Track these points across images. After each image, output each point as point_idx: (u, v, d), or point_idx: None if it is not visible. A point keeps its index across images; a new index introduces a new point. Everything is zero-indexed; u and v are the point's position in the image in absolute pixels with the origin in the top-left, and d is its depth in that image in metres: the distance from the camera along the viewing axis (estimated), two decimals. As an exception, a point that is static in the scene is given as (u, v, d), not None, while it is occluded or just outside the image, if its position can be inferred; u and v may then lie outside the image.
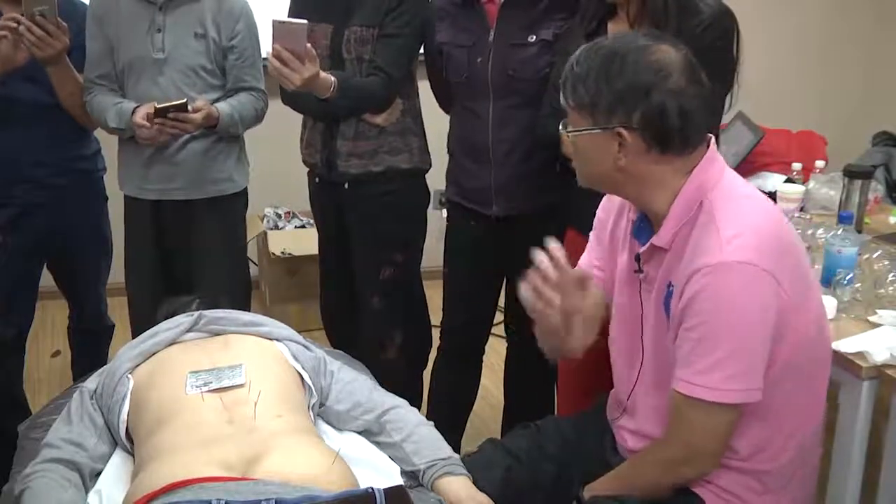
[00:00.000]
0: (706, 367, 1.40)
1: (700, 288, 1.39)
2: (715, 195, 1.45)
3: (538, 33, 2.20)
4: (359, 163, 2.41)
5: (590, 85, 1.43)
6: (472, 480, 1.64)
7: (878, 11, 4.49)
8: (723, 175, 1.48)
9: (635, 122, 1.41)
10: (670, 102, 1.40)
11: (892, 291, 2.07)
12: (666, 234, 1.48)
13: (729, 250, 1.37)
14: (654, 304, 1.54)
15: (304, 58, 2.10)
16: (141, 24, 2.34)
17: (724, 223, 1.41)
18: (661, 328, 1.54)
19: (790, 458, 1.54)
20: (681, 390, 1.44)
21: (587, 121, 1.45)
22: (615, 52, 1.43)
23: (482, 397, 2.81)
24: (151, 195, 2.47)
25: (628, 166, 1.45)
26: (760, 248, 1.39)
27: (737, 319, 1.38)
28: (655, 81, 1.40)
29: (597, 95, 1.43)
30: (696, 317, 1.40)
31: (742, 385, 1.40)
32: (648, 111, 1.40)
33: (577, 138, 1.49)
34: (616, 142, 1.43)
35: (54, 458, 1.59)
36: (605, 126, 1.43)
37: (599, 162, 1.47)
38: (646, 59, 1.41)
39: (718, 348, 1.39)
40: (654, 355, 1.58)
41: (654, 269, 1.54)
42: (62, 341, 3.04)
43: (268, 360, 1.77)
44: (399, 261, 2.51)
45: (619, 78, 1.41)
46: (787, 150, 3.68)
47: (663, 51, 1.43)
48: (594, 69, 1.43)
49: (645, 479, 1.56)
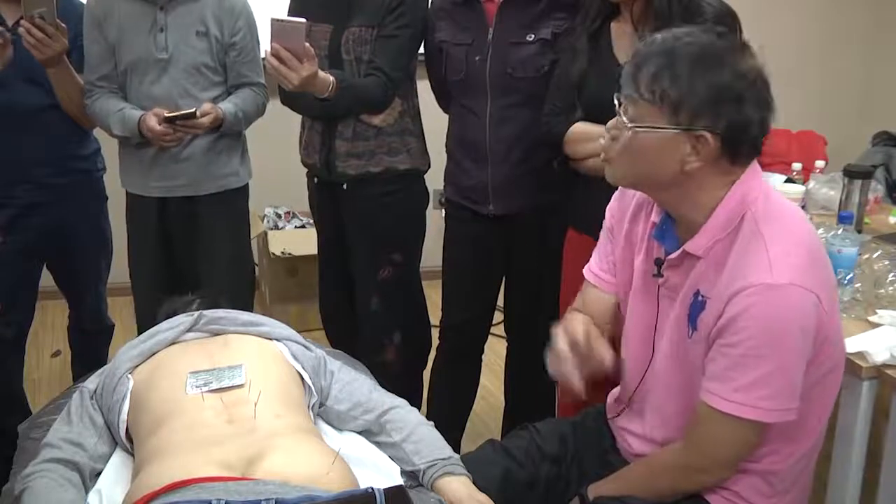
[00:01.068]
0: (745, 385, 1.38)
1: (746, 307, 1.36)
2: (758, 208, 1.41)
3: (537, 32, 2.20)
4: (357, 163, 2.41)
5: (680, 80, 1.34)
6: (472, 480, 1.64)
7: (877, 11, 4.49)
8: (762, 186, 1.45)
9: (721, 128, 1.35)
10: (755, 113, 1.35)
11: (892, 291, 2.07)
12: (703, 242, 1.44)
13: (777, 272, 1.34)
14: (676, 311, 1.52)
15: (303, 57, 2.10)
16: (142, 25, 2.35)
17: (771, 241, 1.37)
18: (681, 336, 1.51)
19: (798, 458, 1.54)
20: (713, 404, 1.42)
21: (665, 118, 1.36)
22: (711, 50, 1.35)
23: (482, 397, 2.82)
24: (156, 192, 2.47)
25: (693, 171, 1.39)
26: (805, 267, 1.37)
27: (781, 339, 1.36)
28: (748, 89, 1.35)
29: (687, 93, 1.34)
30: (738, 334, 1.37)
31: (780, 405, 1.39)
32: (737, 119, 1.34)
33: (641, 134, 1.39)
34: (690, 144, 1.37)
35: (54, 458, 1.58)
36: (688, 127, 1.35)
37: (661, 162, 1.39)
38: (742, 64, 1.35)
39: (760, 367, 1.37)
40: (668, 360, 1.56)
41: (679, 275, 1.50)
42: (62, 341, 3.04)
43: (268, 360, 1.76)
44: (398, 261, 2.51)
45: (717, 77, 1.33)
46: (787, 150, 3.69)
47: (753, 58, 1.37)
48: (686, 63, 1.34)
49: (657, 483, 1.55)
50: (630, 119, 1.41)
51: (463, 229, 2.45)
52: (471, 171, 2.36)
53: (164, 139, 2.33)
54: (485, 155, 2.31)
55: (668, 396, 1.57)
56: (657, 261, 1.54)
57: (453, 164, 2.43)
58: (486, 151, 2.30)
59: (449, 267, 2.53)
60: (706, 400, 1.43)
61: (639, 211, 1.62)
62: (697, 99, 1.34)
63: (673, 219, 1.52)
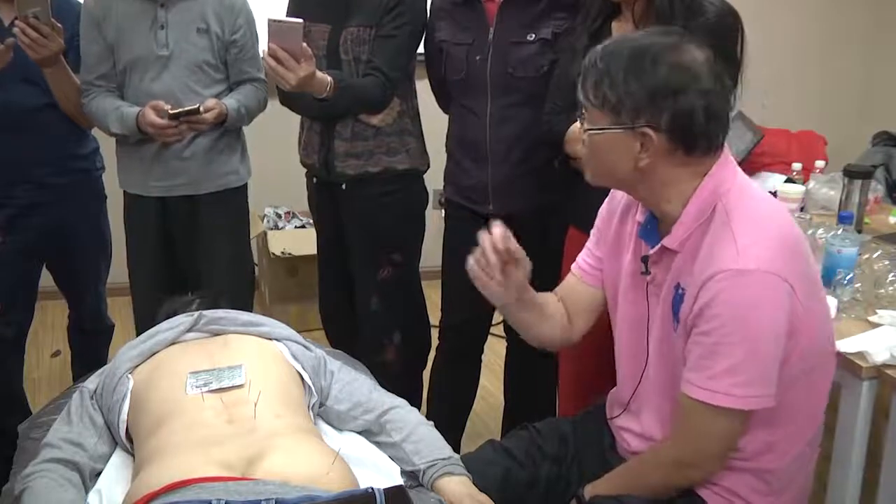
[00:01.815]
0: (719, 373, 1.39)
1: (716, 293, 1.38)
2: (729, 198, 1.43)
3: (537, 32, 2.20)
4: (356, 163, 2.41)
5: (616, 83, 1.39)
6: (472, 480, 1.64)
7: (877, 11, 4.49)
8: (736, 177, 1.47)
9: (663, 124, 1.39)
10: (698, 104, 1.38)
11: (892, 291, 2.07)
12: (678, 236, 1.47)
13: (746, 257, 1.36)
14: (661, 306, 1.54)
15: (300, 57, 2.10)
16: (143, 22, 2.35)
17: (739, 228, 1.40)
18: (667, 330, 1.53)
19: (795, 456, 1.54)
20: (691, 394, 1.43)
21: (609, 119, 1.42)
22: (644, 50, 1.39)
23: (482, 397, 2.81)
24: (157, 192, 2.47)
25: (648, 167, 1.43)
26: (775, 254, 1.38)
27: (752, 326, 1.37)
28: (685, 82, 1.37)
29: (624, 94, 1.39)
30: (710, 322, 1.39)
31: (755, 391, 1.40)
32: (677, 112, 1.38)
33: (595, 137, 1.46)
34: (638, 142, 1.41)
35: (54, 458, 1.58)
36: (630, 126, 1.40)
37: (617, 162, 1.45)
38: (676, 59, 1.38)
39: (733, 354, 1.38)
40: (659, 357, 1.57)
41: (662, 271, 1.53)
42: (62, 341, 3.04)
43: (267, 360, 1.76)
44: (397, 261, 2.51)
45: (649, 77, 1.38)
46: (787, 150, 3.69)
47: (691, 51, 1.40)
48: (621, 67, 1.39)
49: (649, 480, 1.55)
50: (585, 123, 1.48)
51: (463, 229, 2.44)
52: (471, 171, 2.36)
53: (166, 133, 2.33)
54: (485, 155, 2.31)
55: (662, 393, 1.58)
56: (643, 258, 1.56)
57: (453, 164, 2.43)
58: (486, 151, 2.30)
59: (448, 267, 2.53)
60: (684, 390, 1.45)
61: (626, 211, 1.64)
62: (634, 98, 1.39)
63: (657, 217, 1.53)
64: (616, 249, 1.67)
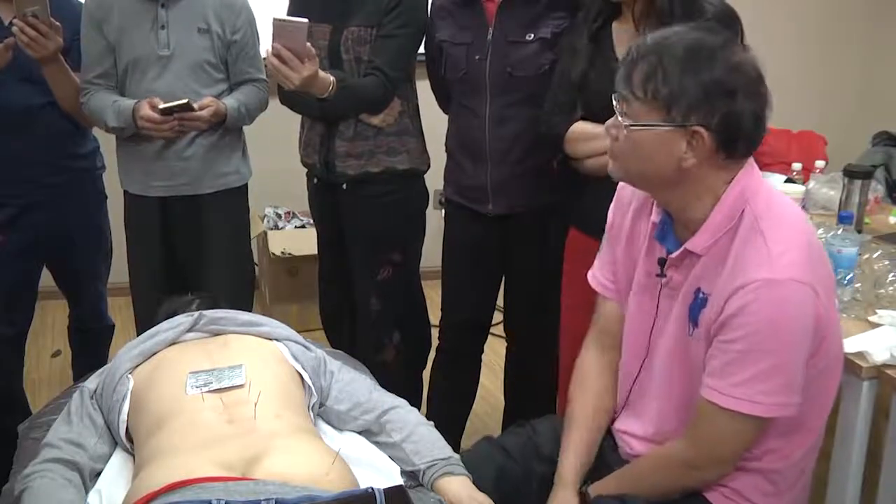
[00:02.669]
0: (745, 380, 1.39)
1: (748, 302, 1.36)
2: (757, 203, 1.42)
3: (537, 31, 2.20)
4: (356, 163, 2.41)
5: (670, 77, 1.35)
6: (472, 481, 1.64)
7: (877, 11, 4.49)
8: (762, 183, 1.46)
9: (714, 123, 1.36)
10: (748, 107, 1.36)
11: (892, 291, 2.07)
12: (704, 240, 1.45)
13: (778, 266, 1.35)
14: (676, 309, 1.52)
15: (304, 57, 2.10)
16: (143, 22, 2.35)
17: (771, 235, 1.38)
18: (681, 334, 1.52)
19: (801, 456, 1.54)
20: (714, 400, 1.42)
21: (659, 115, 1.38)
22: (701, 46, 1.36)
23: (482, 397, 2.81)
24: (158, 192, 2.47)
25: (691, 167, 1.40)
26: (804, 262, 1.38)
27: (781, 336, 1.37)
28: (741, 83, 1.35)
29: (679, 89, 1.35)
30: (738, 330, 1.38)
31: (780, 399, 1.40)
32: (730, 113, 1.35)
33: (637, 133, 1.41)
34: (685, 140, 1.38)
35: (54, 458, 1.58)
36: (682, 123, 1.37)
37: (658, 160, 1.40)
38: (732, 58, 1.36)
39: (759, 362, 1.37)
40: (669, 359, 1.56)
41: (680, 274, 1.51)
42: (62, 341, 3.04)
43: (268, 360, 1.76)
44: (397, 261, 2.51)
45: (707, 73, 1.34)
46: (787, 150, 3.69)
47: (744, 51, 1.39)
48: (676, 61, 1.35)
49: (660, 479, 1.55)
50: (626, 118, 1.42)
51: (463, 229, 2.45)
52: (470, 171, 2.36)
53: (160, 128, 2.32)
54: (484, 154, 2.31)
55: (668, 394, 1.57)
56: (660, 260, 1.54)
57: (453, 164, 2.43)
58: (486, 151, 2.30)
59: (449, 267, 2.53)
60: (706, 396, 1.44)
61: (639, 211, 1.62)
62: (689, 95, 1.35)
63: (672, 218, 1.52)
64: (630, 249, 1.65)
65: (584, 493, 1.60)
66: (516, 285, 2.52)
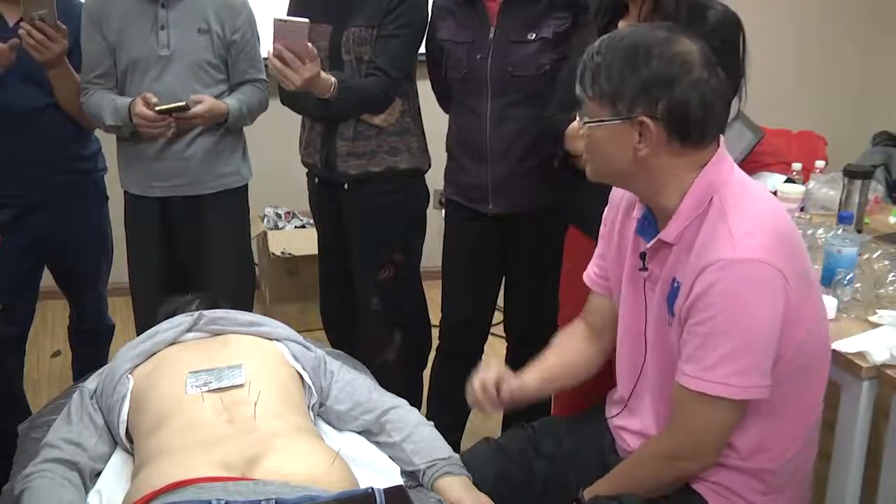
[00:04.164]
0: (713, 363, 1.40)
1: (710, 283, 1.39)
2: (725, 192, 1.45)
3: (538, 31, 2.20)
4: (358, 163, 2.41)
5: (613, 75, 1.42)
6: (472, 481, 1.64)
7: (877, 12, 4.49)
8: (732, 173, 1.49)
9: (659, 112, 1.41)
10: (693, 94, 1.40)
11: (892, 291, 2.07)
12: (674, 229, 1.48)
13: (740, 247, 1.38)
14: (657, 301, 1.55)
15: (305, 57, 2.10)
16: (144, 22, 2.35)
17: (734, 220, 1.41)
18: (663, 325, 1.54)
19: (792, 455, 1.55)
20: (685, 384, 1.44)
21: (607, 111, 1.44)
22: (639, 43, 1.43)
23: (482, 397, 2.81)
24: (159, 192, 2.47)
25: (647, 158, 1.44)
26: (770, 246, 1.40)
27: (746, 316, 1.39)
28: (680, 73, 1.40)
29: (621, 85, 1.42)
30: (704, 311, 1.41)
31: (749, 381, 1.41)
32: (673, 101, 1.40)
33: (594, 130, 1.48)
34: (636, 132, 1.43)
35: (54, 458, 1.59)
36: (627, 116, 1.43)
37: (616, 154, 1.46)
38: (670, 51, 1.41)
39: (727, 343, 1.39)
40: (656, 354, 1.58)
41: (658, 265, 1.54)
42: (62, 341, 3.04)
43: (267, 360, 1.77)
44: (398, 261, 2.51)
45: (645, 68, 1.41)
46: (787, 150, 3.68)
47: (685, 43, 1.43)
48: (617, 59, 1.42)
49: (645, 474, 1.56)
50: (583, 117, 1.50)
51: (463, 229, 2.45)
52: (470, 171, 2.36)
53: (155, 125, 2.30)
54: (485, 154, 2.31)
55: (661, 390, 1.58)
56: (641, 254, 1.57)
57: (453, 164, 2.43)
58: (486, 150, 2.30)
59: (449, 267, 2.53)
60: (679, 381, 1.46)
61: (628, 210, 1.65)
62: (630, 89, 1.42)
63: (654, 213, 1.54)
64: (619, 250, 1.68)
65: (580, 499, 1.61)
66: (516, 285, 2.52)
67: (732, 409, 1.44)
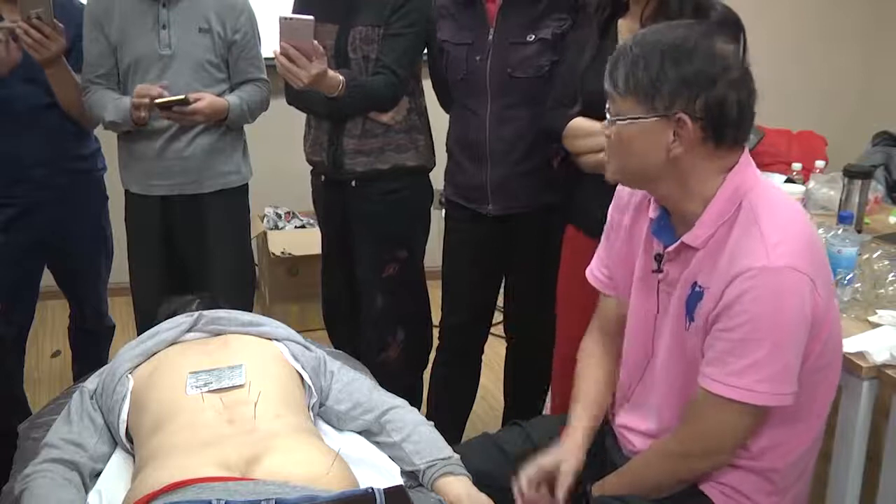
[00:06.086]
0: (741, 368, 1.39)
1: (744, 290, 1.37)
2: (753, 197, 1.44)
3: (538, 32, 2.20)
4: (365, 160, 2.41)
5: (652, 69, 1.39)
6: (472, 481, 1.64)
7: (877, 11, 4.49)
8: (758, 177, 1.47)
9: (697, 110, 1.39)
10: (731, 94, 1.39)
11: (892, 291, 2.08)
12: (701, 233, 1.46)
13: (775, 255, 1.37)
14: (674, 304, 1.53)
15: (312, 55, 2.09)
16: (145, 22, 2.35)
17: (767, 227, 1.40)
18: (678, 328, 1.52)
19: (800, 455, 1.54)
20: (710, 389, 1.43)
21: (642, 107, 1.41)
22: (682, 39, 1.40)
23: (482, 397, 2.82)
24: (159, 191, 2.47)
25: (679, 158, 1.42)
26: (802, 253, 1.39)
27: (779, 323, 1.38)
28: (720, 72, 1.38)
29: (659, 80, 1.39)
30: (736, 318, 1.39)
31: (776, 389, 1.40)
32: (711, 100, 1.38)
33: (624, 127, 1.44)
34: (671, 130, 1.40)
35: (54, 458, 1.59)
36: (664, 113, 1.40)
37: (647, 153, 1.43)
38: (712, 49, 1.40)
39: (757, 350, 1.38)
40: (669, 355, 1.56)
41: (677, 268, 1.52)
42: (62, 341, 3.04)
43: (268, 360, 1.76)
44: (402, 258, 2.51)
45: (688, 64, 1.38)
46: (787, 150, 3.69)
47: (724, 43, 1.42)
48: (657, 53, 1.39)
49: (654, 472, 1.56)
50: (612, 114, 1.46)
51: (462, 229, 2.45)
52: (470, 171, 2.36)
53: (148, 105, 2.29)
54: (484, 155, 2.31)
55: (669, 392, 1.57)
56: (657, 256, 1.55)
57: (453, 164, 2.43)
58: (486, 151, 2.30)
59: (449, 267, 2.53)
60: (703, 384, 1.45)
61: (639, 209, 1.63)
62: (670, 84, 1.39)
63: (669, 213, 1.53)
64: (628, 248, 1.66)
65: (587, 493, 1.60)
66: (516, 285, 2.52)
67: (754, 415, 1.44)
